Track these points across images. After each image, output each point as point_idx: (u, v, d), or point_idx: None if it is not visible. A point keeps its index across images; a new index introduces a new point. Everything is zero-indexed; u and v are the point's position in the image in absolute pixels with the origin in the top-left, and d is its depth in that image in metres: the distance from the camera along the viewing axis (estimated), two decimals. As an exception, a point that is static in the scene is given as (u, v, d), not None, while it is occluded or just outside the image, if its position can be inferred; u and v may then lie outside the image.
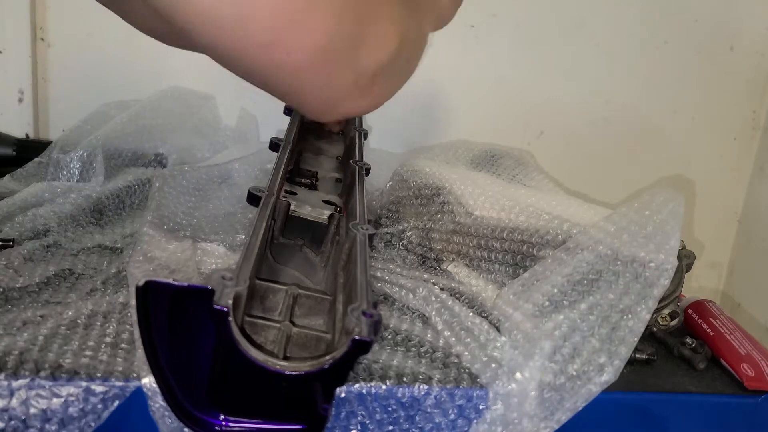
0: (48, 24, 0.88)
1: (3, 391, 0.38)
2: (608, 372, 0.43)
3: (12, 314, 0.46)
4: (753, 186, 1.06)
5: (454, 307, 0.50)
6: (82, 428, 0.39)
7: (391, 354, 0.46)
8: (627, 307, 0.45)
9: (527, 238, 0.55)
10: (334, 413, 0.43)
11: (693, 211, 1.06)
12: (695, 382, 0.52)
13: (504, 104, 1.01)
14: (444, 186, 0.65)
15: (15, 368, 0.39)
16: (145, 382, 0.40)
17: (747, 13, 1.01)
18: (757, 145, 1.06)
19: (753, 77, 1.04)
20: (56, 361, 0.41)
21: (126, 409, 0.40)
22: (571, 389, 0.43)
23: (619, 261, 0.48)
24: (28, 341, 0.42)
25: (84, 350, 0.42)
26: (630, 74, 1.02)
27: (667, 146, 1.05)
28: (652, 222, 0.50)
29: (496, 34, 0.98)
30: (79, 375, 0.40)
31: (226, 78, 0.40)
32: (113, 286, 0.52)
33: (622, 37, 1.00)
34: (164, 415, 0.40)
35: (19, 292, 0.49)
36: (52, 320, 0.45)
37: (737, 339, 0.56)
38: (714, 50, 1.03)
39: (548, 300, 0.47)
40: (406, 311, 0.53)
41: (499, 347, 0.45)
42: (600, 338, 0.44)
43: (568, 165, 1.02)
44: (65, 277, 0.53)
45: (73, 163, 0.74)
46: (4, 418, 0.38)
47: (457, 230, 0.61)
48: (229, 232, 0.61)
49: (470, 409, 0.44)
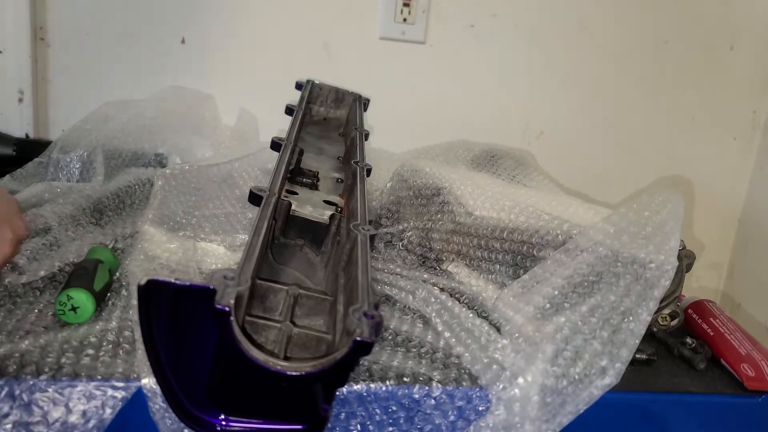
0: (48, 24, 0.88)
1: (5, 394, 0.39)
2: (610, 375, 0.43)
3: (14, 316, 0.46)
4: (753, 186, 1.06)
5: (454, 308, 0.50)
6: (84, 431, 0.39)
7: (391, 355, 0.46)
8: (628, 309, 0.45)
9: (527, 239, 0.55)
10: (334, 414, 0.43)
11: (693, 212, 1.06)
12: (695, 382, 0.52)
13: (504, 104, 1.01)
14: (444, 186, 0.65)
15: (16, 371, 0.40)
16: (145, 383, 0.40)
17: (747, 12, 1.01)
18: (757, 144, 1.06)
19: (753, 77, 1.04)
20: (57, 363, 0.41)
21: (126, 410, 0.40)
22: (573, 393, 0.43)
23: (619, 262, 0.48)
24: (29, 344, 0.42)
25: (85, 351, 0.43)
26: (630, 74, 1.02)
27: (667, 146, 1.05)
28: (651, 223, 0.50)
29: (496, 34, 0.98)
30: (80, 377, 0.40)
31: (226, 78, 0.40)
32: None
33: (623, 37, 1.00)
34: (164, 416, 0.40)
35: (23, 287, 0.50)
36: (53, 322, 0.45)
37: (737, 339, 0.56)
38: (714, 50, 1.03)
39: (549, 302, 0.47)
40: (407, 312, 0.53)
41: (500, 349, 0.45)
42: (601, 341, 0.44)
43: (568, 165, 1.02)
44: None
45: (73, 163, 0.74)
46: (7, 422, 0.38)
47: (457, 230, 0.61)
48: (229, 232, 0.61)
49: (470, 411, 0.44)
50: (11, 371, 0.39)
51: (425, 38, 0.95)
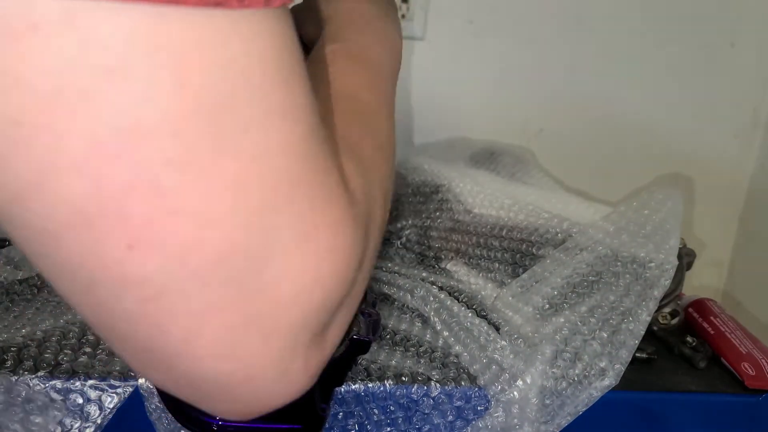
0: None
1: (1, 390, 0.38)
2: (610, 376, 0.43)
3: (11, 313, 0.46)
4: (754, 184, 1.05)
5: (453, 307, 0.50)
6: (81, 430, 0.39)
7: (389, 354, 0.46)
8: (627, 309, 0.45)
9: (527, 237, 0.54)
10: (332, 413, 0.42)
11: (693, 210, 1.06)
12: (696, 381, 0.52)
13: (503, 101, 1.00)
14: (443, 183, 0.65)
15: (13, 367, 0.39)
16: (141, 382, 0.40)
17: (748, 8, 1.01)
18: (758, 142, 1.06)
19: (754, 74, 1.04)
20: (54, 359, 0.41)
21: (123, 409, 0.40)
22: (572, 394, 0.43)
23: (619, 261, 0.47)
24: (26, 338, 0.42)
25: (82, 348, 0.42)
26: (630, 71, 1.02)
27: (668, 143, 1.05)
28: (651, 221, 0.50)
29: (495, 30, 0.98)
30: (77, 374, 0.40)
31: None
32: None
33: (623, 34, 1.00)
34: (161, 416, 0.40)
35: (21, 285, 0.50)
36: (51, 319, 0.45)
37: (738, 338, 0.56)
38: (715, 46, 1.02)
39: (548, 303, 0.46)
40: (405, 310, 0.53)
41: (499, 349, 0.45)
42: (601, 341, 0.44)
43: (567, 162, 1.01)
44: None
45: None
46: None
47: (456, 228, 0.61)
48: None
49: (469, 410, 0.43)
50: (8, 366, 0.39)
51: (424, 34, 0.95)
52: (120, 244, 0.19)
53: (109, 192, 0.19)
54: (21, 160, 0.18)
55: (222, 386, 0.24)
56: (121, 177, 0.18)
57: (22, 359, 0.40)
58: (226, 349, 0.22)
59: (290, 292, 0.22)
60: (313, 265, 0.23)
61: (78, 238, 0.19)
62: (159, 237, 0.19)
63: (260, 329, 0.22)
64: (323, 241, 0.23)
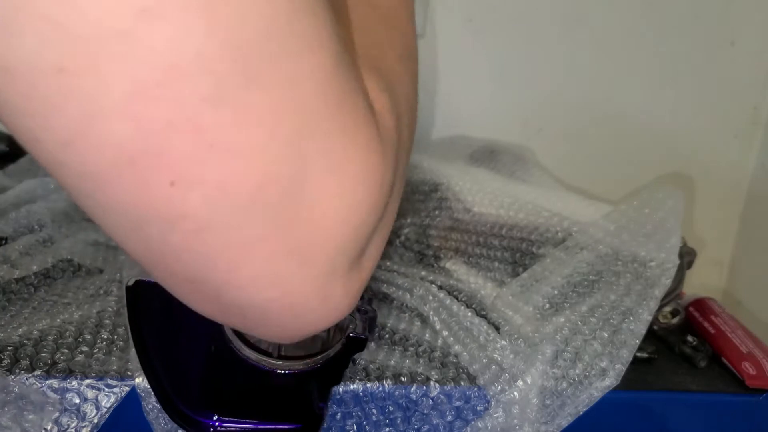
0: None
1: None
2: (610, 376, 0.43)
3: (8, 312, 0.46)
4: (754, 182, 1.05)
5: (453, 306, 0.50)
6: (77, 430, 0.39)
7: (388, 353, 0.46)
8: (628, 309, 0.45)
9: (527, 236, 0.54)
10: (330, 413, 0.42)
11: (694, 208, 1.06)
12: (696, 381, 0.52)
13: (503, 100, 1.00)
14: (442, 182, 0.64)
15: (10, 366, 0.39)
16: (138, 382, 0.40)
17: (748, 7, 1.01)
18: (758, 141, 1.05)
19: (754, 73, 1.03)
20: (51, 358, 0.40)
21: (120, 409, 0.40)
22: (573, 394, 0.42)
23: (620, 261, 0.47)
24: (23, 337, 0.42)
25: (79, 348, 0.42)
26: (630, 70, 1.01)
27: (667, 142, 1.05)
28: (651, 220, 0.50)
29: (494, 29, 0.97)
30: (74, 374, 0.40)
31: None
32: (107, 283, 0.51)
33: (622, 32, 1.00)
34: (158, 416, 0.39)
35: (17, 284, 0.50)
36: (47, 318, 0.45)
37: (739, 337, 0.56)
38: (714, 45, 1.02)
39: (548, 302, 0.46)
40: (404, 310, 0.52)
41: (499, 349, 0.45)
42: (601, 341, 0.44)
43: (567, 161, 1.01)
44: (64, 270, 0.53)
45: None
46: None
47: (456, 227, 0.61)
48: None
49: (468, 410, 0.43)
50: (5, 365, 0.39)
51: (423, 32, 0.95)
52: (163, 182, 0.20)
53: (149, 131, 0.19)
54: (67, 105, 0.18)
55: (268, 313, 0.25)
56: (161, 116, 0.19)
57: (18, 358, 0.40)
58: (269, 278, 0.23)
59: (327, 219, 0.23)
60: (347, 190, 0.24)
61: (124, 178, 0.20)
62: (199, 172, 0.20)
63: (300, 257, 0.23)
64: (356, 166, 0.24)
